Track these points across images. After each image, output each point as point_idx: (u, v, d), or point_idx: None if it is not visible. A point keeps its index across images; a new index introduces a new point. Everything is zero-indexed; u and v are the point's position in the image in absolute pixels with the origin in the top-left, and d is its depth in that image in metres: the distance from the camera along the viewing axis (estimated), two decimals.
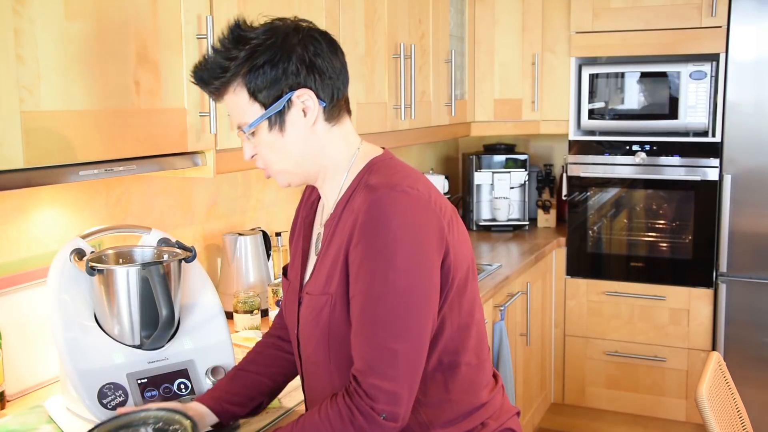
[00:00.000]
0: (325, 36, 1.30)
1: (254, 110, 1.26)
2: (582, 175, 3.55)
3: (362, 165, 1.32)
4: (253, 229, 2.37)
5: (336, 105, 1.30)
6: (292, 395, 1.69)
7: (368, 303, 1.18)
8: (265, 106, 1.25)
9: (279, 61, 1.23)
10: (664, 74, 3.35)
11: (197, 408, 1.41)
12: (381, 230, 1.17)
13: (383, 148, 1.40)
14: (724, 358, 2.86)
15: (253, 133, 1.28)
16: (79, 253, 1.54)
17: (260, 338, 2.00)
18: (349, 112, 1.35)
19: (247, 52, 1.23)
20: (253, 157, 1.32)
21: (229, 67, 1.24)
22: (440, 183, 3.74)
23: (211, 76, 1.26)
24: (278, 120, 1.26)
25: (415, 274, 1.17)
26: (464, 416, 1.31)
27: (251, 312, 2.11)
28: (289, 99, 1.25)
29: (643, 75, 3.40)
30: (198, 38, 1.70)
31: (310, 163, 1.31)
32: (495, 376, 1.45)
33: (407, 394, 1.18)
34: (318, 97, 1.26)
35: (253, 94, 1.25)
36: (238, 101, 1.26)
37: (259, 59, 1.23)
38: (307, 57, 1.24)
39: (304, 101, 1.26)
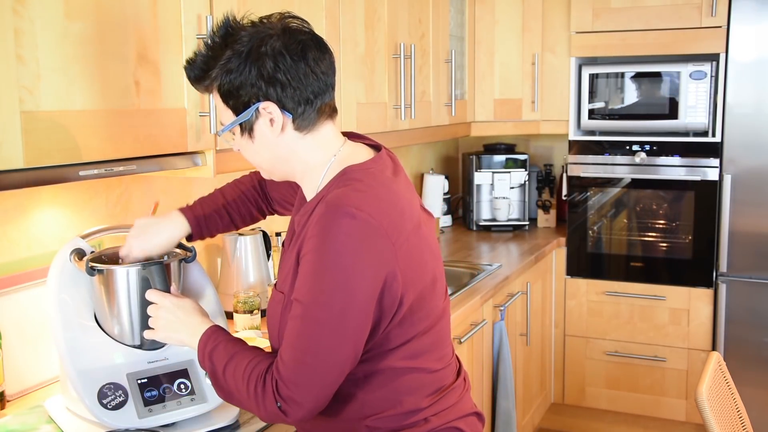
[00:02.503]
0: (300, 43, 1.27)
1: (228, 114, 1.32)
2: (582, 175, 3.55)
3: (338, 170, 1.32)
4: (253, 229, 2.37)
5: (307, 114, 1.30)
6: None
7: (299, 312, 1.23)
8: (236, 112, 1.30)
9: (243, 72, 1.26)
10: (664, 74, 3.35)
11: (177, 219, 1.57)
12: (321, 250, 1.21)
13: (376, 149, 1.40)
14: (724, 358, 2.86)
15: (233, 132, 1.34)
16: (79, 253, 1.54)
17: (259, 338, 2.00)
18: (331, 117, 1.35)
19: (224, 60, 1.26)
20: (239, 150, 1.38)
21: (209, 71, 1.29)
22: (440, 183, 3.74)
23: (196, 77, 1.32)
24: (248, 127, 1.31)
25: (340, 300, 1.20)
26: (406, 414, 1.34)
27: (251, 312, 2.11)
28: (257, 109, 1.28)
29: (643, 75, 3.40)
30: (198, 38, 1.70)
31: (281, 166, 1.36)
32: (465, 377, 1.49)
33: (308, 402, 1.23)
34: (283, 108, 1.28)
35: (225, 100, 1.30)
36: (218, 103, 1.33)
37: (230, 68, 1.26)
38: (266, 71, 1.25)
39: (270, 112, 1.28)
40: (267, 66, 1.25)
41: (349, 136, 1.44)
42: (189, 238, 1.61)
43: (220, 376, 1.31)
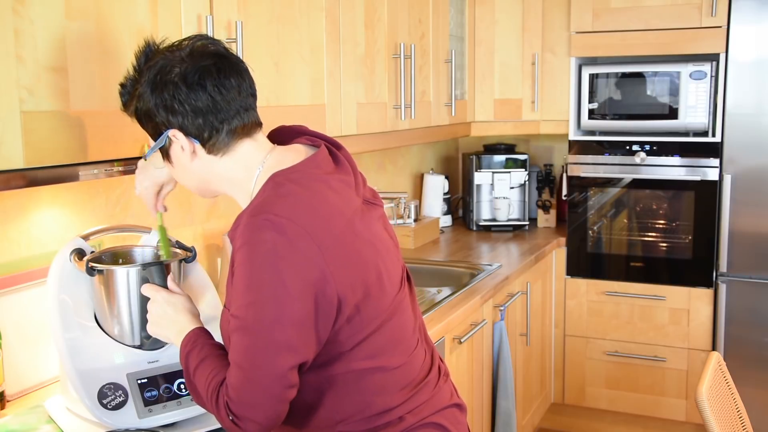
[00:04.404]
0: (199, 70, 1.27)
1: (150, 141, 1.35)
2: (582, 175, 3.55)
3: (266, 177, 1.30)
4: None
5: (215, 140, 1.29)
6: None
7: (235, 327, 1.22)
8: (153, 139, 1.33)
9: (147, 101, 1.29)
10: (664, 74, 3.35)
11: None
12: (246, 261, 1.19)
13: (308, 139, 1.38)
14: (724, 358, 2.86)
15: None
16: (79, 253, 1.54)
17: None
18: (249, 134, 1.33)
19: (139, 87, 1.30)
20: None
21: (128, 101, 1.34)
22: (440, 183, 3.74)
23: (125, 103, 1.35)
24: (165, 153, 1.34)
25: (272, 309, 1.18)
26: (376, 415, 1.33)
27: None
28: (168, 136, 1.30)
29: (643, 75, 3.40)
30: None
31: (207, 186, 1.37)
32: (439, 367, 1.47)
33: (258, 417, 1.21)
34: (188, 134, 1.29)
35: (142, 126, 1.34)
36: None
37: (140, 94, 1.30)
38: (163, 101, 1.27)
39: (179, 139, 1.30)
40: (165, 96, 1.27)
41: (295, 132, 1.42)
42: None
43: (191, 378, 1.31)
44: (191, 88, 1.26)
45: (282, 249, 1.18)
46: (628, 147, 3.45)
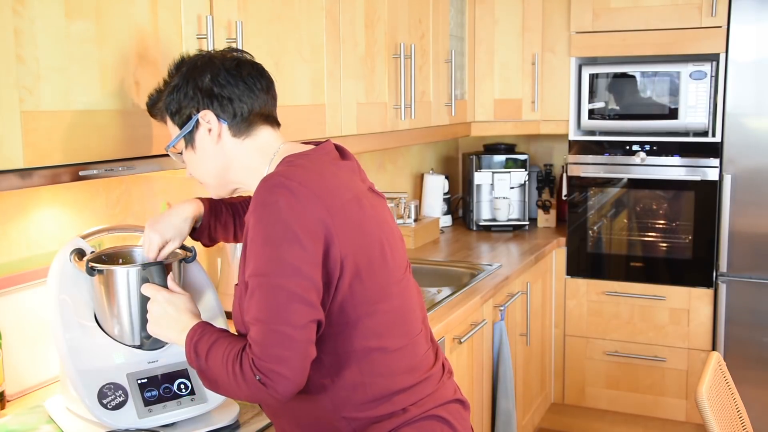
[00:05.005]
0: (235, 59, 1.41)
1: (174, 132, 1.45)
2: (582, 175, 3.55)
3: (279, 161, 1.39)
4: None
5: (241, 121, 1.40)
6: None
7: (256, 285, 1.26)
8: (180, 127, 1.43)
9: (183, 88, 1.40)
10: (664, 74, 3.35)
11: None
12: (261, 220, 1.26)
13: (315, 143, 1.45)
14: (724, 358, 2.86)
15: (181, 153, 1.46)
16: (79, 253, 1.54)
17: None
18: (270, 123, 1.44)
19: (172, 83, 1.42)
20: (190, 174, 1.50)
21: (158, 96, 1.45)
22: (440, 183, 3.74)
23: (152, 102, 1.47)
24: (191, 139, 1.43)
25: (291, 259, 1.24)
26: (379, 400, 1.35)
27: None
28: (197, 120, 1.40)
29: (643, 75, 3.40)
30: (198, 38, 1.70)
31: (225, 174, 1.45)
32: (443, 363, 1.50)
33: (286, 370, 1.23)
34: (219, 116, 1.39)
35: (172, 118, 1.44)
36: (168, 125, 1.46)
37: (174, 86, 1.41)
38: (202, 83, 1.39)
39: (208, 121, 1.39)
40: (204, 78, 1.39)
41: (302, 143, 1.49)
42: (197, 235, 1.62)
43: (203, 364, 1.32)
44: (230, 73, 1.39)
45: (293, 207, 1.25)
46: (628, 147, 3.45)
